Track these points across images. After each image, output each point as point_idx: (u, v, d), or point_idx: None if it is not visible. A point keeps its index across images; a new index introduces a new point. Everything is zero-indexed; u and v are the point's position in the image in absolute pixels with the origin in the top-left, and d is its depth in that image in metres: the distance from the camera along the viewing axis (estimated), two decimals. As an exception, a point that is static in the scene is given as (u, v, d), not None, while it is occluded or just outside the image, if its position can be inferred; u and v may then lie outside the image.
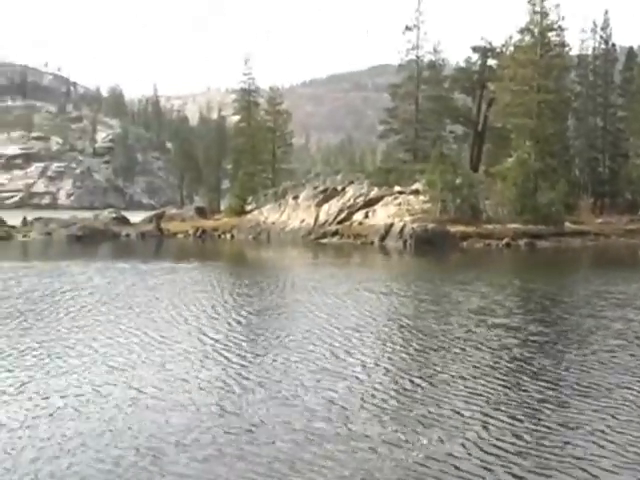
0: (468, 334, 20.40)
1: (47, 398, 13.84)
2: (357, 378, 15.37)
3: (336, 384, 14.78)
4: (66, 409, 13.14)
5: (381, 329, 21.18)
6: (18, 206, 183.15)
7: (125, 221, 76.51)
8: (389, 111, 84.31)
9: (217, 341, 19.41)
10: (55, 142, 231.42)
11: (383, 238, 60.57)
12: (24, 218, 75.83)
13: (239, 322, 22.50)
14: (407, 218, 62.09)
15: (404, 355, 17.81)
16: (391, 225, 61.48)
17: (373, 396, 13.91)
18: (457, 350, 18.26)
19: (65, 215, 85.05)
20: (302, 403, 13.50)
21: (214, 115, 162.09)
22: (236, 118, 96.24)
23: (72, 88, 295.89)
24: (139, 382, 15.03)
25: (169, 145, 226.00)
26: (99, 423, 12.35)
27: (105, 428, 12.10)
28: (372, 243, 60.46)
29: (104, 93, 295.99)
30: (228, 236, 70.27)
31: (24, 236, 68.18)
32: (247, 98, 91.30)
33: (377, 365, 16.55)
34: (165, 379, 15.28)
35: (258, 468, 10.31)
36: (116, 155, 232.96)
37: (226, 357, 17.52)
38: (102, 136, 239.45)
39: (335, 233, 64.74)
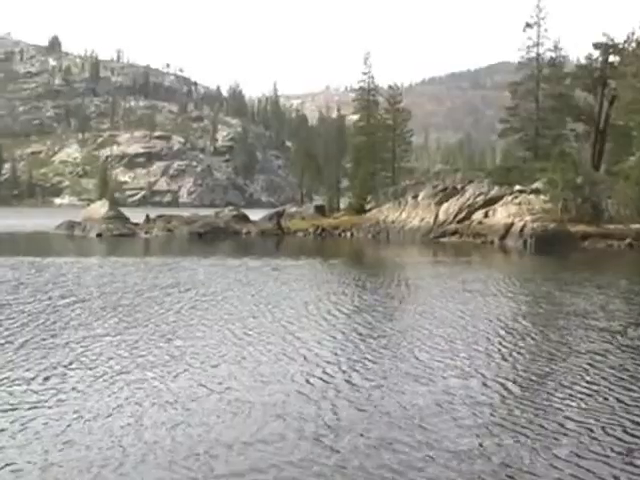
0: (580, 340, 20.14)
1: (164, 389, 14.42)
2: (458, 378, 15.49)
3: (444, 385, 14.85)
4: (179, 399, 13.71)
5: (490, 331, 20.86)
6: (140, 204, 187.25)
7: (245, 219, 76.95)
8: (509, 109, 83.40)
9: (329, 337, 19.89)
10: (177, 141, 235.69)
11: (503, 237, 60.22)
12: (147, 216, 77.05)
13: (354, 319, 22.76)
14: (527, 217, 61.40)
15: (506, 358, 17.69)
16: (511, 224, 61.03)
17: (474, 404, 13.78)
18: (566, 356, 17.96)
19: (186, 213, 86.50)
20: (418, 404, 13.54)
21: (333, 114, 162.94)
22: (355, 117, 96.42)
23: (193, 88, 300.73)
24: (260, 375, 15.51)
25: (288, 144, 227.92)
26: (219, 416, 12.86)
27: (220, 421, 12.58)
28: (492, 242, 60.14)
29: (224, 93, 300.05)
30: (348, 234, 70.58)
31: (146, 233, 69.81)
32: (366, 97, 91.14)
33: (468, 371, 16.39)
34: (283, 374, 15.69)
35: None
36: (236, 154, 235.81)
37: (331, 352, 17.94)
38: (223, 135, 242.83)
39: (454, 232, 64.57)
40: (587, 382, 15.15)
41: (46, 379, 14.95)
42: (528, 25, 79.93)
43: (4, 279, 32.06)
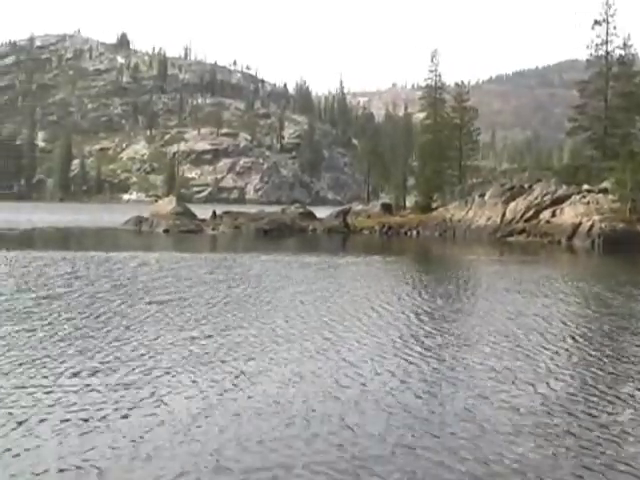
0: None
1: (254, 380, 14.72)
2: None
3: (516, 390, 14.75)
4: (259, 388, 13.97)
5: (557, 334, 20.38)
6: (207, 200, 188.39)
7: (312, 216, 77.06)
8: (577, 108, 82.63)
9: (395, 334, 20.00)
10: (243, 138, 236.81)
11: (570, 237, 59.75)
12: (213, 212, 77.50)
13: (416, 318, 22.79)
14: (595, 217, 60.80)
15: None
16: (579, 224, 60.52)
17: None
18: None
19: (252, 209, 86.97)
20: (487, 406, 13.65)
21: (400, 112, 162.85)
22: (422, 115, 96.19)
23: (260, 85, 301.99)
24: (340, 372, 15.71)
25: (355, 141, 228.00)
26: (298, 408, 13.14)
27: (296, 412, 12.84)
28: (559, 242, 59.70)
29: (291, 90, 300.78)
30: (414, 233, 70.49)
31: (213, 229, 70.35)
32: (433, 95, 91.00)
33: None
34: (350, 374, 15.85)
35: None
36: (303, 151, 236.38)
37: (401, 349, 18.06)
38: (289, 132, 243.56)
39: (522, 231, 64.22)
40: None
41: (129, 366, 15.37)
42: (597, 22, 79.16)
43: (67, 272, 33.03)
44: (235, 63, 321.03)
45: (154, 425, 12.02)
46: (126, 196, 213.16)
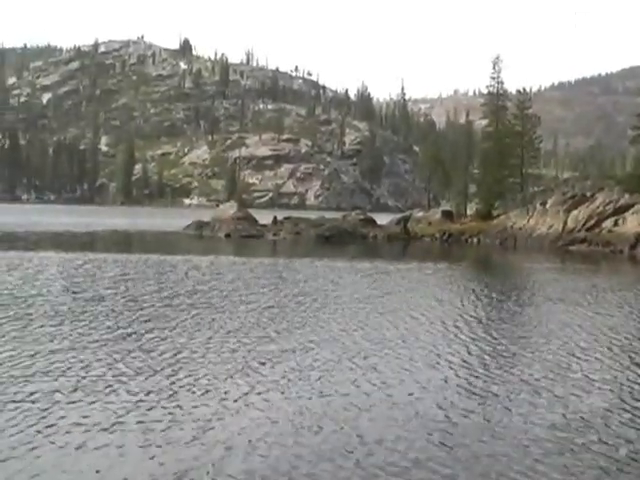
0: None
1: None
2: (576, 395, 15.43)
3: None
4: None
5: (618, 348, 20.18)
6: (268, 206, 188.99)
7: (372, 223, 77.01)
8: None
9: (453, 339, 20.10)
10: (304, 144, 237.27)
11: (633, 247, 59.03)
12: (275, 217, 77.71)
13: (476, 325, 22.96)
14: (659, 227, 60.28)
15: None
16: (642, 234, 59.99)
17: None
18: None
19: (313, 215, 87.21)
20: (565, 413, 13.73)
21: (461, 119, 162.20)
22: (484, 122, 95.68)
23: (321, 91, 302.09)
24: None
25: (416, 148, 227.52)
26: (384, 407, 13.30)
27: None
28: (621, 252, 59.01)
29: (352, 96, 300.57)
30: (474, 240, 70.23)
31: (274, 235, 70.59)
32: (495, 102, 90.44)
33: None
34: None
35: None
36: (363, 157, 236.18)
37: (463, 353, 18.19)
38: (350, 138, 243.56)
39: (583, 240, 63.63)
40: None
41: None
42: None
43: (116, 274, 34.05)
44: (296, 69, 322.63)
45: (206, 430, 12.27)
46: (187, 201, 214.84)
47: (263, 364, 16.75)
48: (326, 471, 10.49)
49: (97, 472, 10.31)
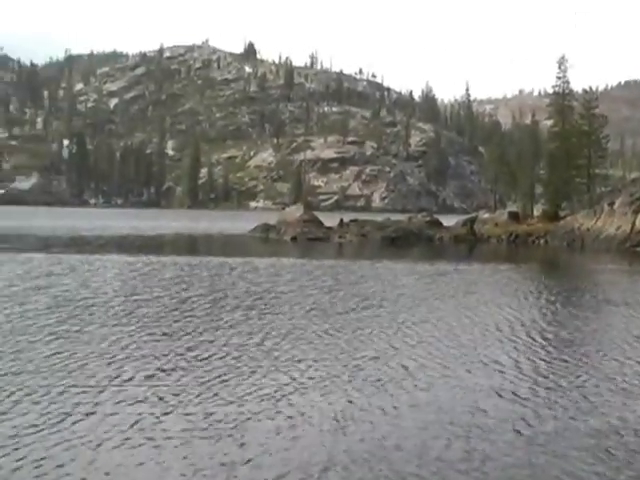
0: None
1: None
2: None
3: None
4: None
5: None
6: (333, 208, 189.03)
7: (438, 224, 76.66)
8: None
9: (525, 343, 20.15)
10: (369, 146, 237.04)
11: (703, 248, 58.42)
12: (341, 220, 77.70)
13: (529, 328, 22.83)
14: None
15: None
16: None
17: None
18: None
19: (379, 217, 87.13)
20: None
21: (527, 119, 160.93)
22: (550, 122, 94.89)
23: (386, 93, 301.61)
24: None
25: (481, 149, 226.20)
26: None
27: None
28: (691, 252, 58.44)
29: (417, 98, 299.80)
30: (541, 242, 69.84)
31: (340, 237, 70.58)
32: (561, 102, 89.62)
33: None
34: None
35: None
36: (429, 159, 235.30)
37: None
38: (415, 140, 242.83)
39: (651, 241, 62.99)
40: None
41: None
42: None
43: (172, 276, 35.02)
44: (361, 71, 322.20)
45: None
46: (253, 204, 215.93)
47: (300, 367, 17.06)
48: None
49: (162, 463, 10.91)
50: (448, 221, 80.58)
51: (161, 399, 14.03)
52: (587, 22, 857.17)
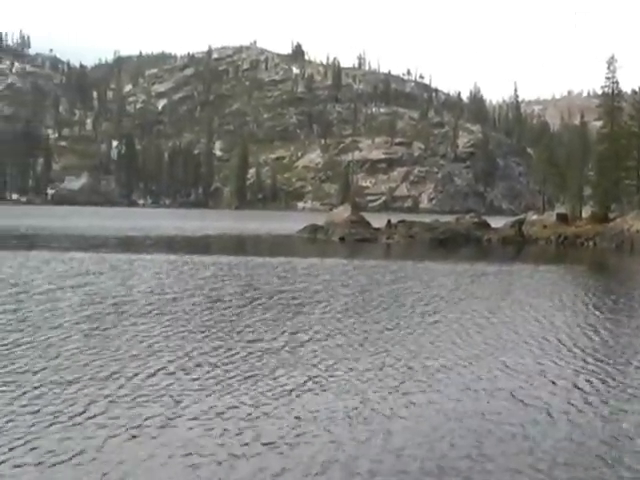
0: None
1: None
2: None
3: None
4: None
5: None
6: (381, 209, 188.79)
7: (486, 225, 76.40)
8: None
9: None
10: (417, 147, 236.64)
11: None
12: (388, 221, 77.37)
13: (562, 332, 22.64)
14: None
15: None
16: None
17: None
18: None
19: (427, 219, 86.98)
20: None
21: (576, 120, 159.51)
22: (599, 123, 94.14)
23: (433, 94, 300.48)
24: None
25: (530, 150, 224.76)
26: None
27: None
28: None
29: (465, 99, 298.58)
30: (590, 243, 69.45)
31: (388, 238, 70.64)
32: (610, 103, 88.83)
33: None
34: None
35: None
36: (477, 160, 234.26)
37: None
38: (463, 141, 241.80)
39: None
40: None
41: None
42: None
43: (209, 275, 35.59)
44: (408, 72, 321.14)
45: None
46: (301, 204, 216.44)
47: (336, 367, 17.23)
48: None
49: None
50: (496, 222, 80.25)
51: (178, 395, 14.35)
52: (636, 24, 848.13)
